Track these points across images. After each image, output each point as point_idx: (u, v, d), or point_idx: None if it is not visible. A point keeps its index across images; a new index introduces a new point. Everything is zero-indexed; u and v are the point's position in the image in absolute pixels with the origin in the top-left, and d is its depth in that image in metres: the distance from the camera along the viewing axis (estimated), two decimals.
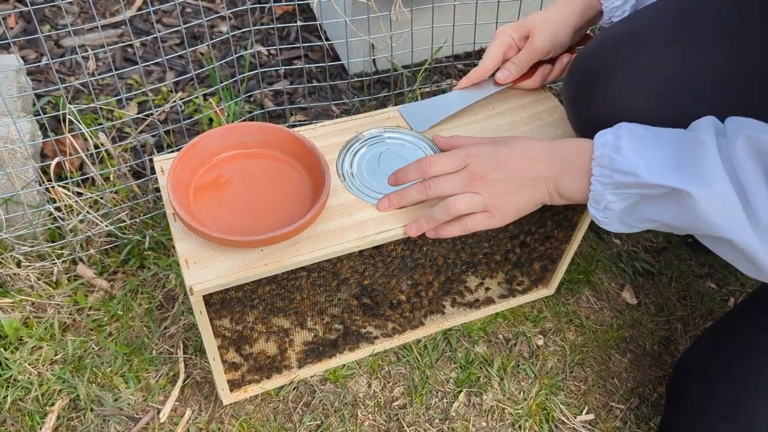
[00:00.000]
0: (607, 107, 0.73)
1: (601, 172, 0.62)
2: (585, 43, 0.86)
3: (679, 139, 0.61)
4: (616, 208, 0.63)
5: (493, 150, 0.68)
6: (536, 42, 0.80)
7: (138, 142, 1.10)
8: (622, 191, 0.62)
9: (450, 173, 0.68)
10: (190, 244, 0.67)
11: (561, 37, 0.80)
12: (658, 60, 0.69)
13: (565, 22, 0.80)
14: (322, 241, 0.68)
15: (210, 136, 0.71)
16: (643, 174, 0.59)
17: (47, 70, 1.24)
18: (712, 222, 0.57)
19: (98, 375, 0.87)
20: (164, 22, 1.36)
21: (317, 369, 0.88)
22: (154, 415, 0.85)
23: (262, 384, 0.85)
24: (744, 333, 0.73)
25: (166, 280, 0.98)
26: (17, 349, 0.88)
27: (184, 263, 0.65)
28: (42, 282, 0.94)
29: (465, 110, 0.84)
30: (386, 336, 0.90)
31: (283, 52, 1.32)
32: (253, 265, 0.65)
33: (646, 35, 0.72)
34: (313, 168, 0.72)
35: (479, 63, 0.82)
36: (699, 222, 0.58)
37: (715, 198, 0.56)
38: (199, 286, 0.63)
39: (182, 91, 1.24)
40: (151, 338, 0.92)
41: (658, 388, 0.93)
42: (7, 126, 0.87)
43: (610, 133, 0.63)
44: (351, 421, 0.86)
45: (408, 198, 0.70)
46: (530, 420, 0.88)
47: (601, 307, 1.02)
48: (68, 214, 0.93)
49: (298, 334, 0.81)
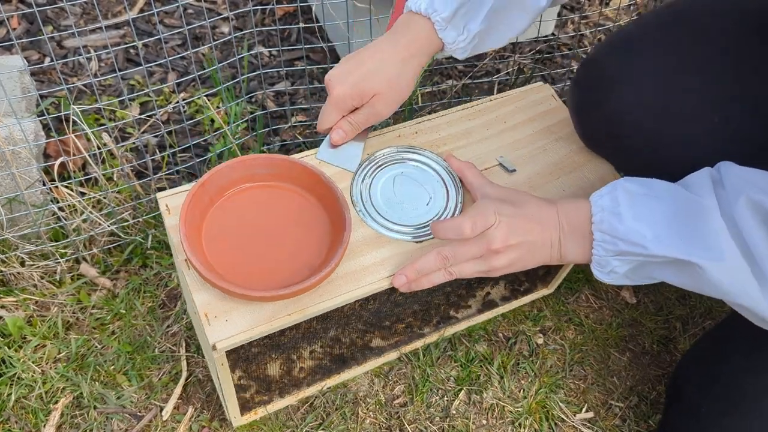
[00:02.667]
0: (614, 119, 0.72)
1: (603, 238, 0.62)
2: None
3: (678, 198, 0.60)
4: (621, 271, 0.63)
5: (511, 212, 0.66)
6: (378, 107, 0.73)
7: (141, 142, 1.10)
8: (627, 257, 0.61)
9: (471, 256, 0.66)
10: (207, 296, 0.64)
11: (404, 97, 0.74)
12: (662, 75, 0.68)
13: (410, 81, 0.73)
14: (344, 285, 0.67)
15: (219, 171, 0.68)
16: (648, 245, 0.58)
17: (50, 70, 1.25)
18: (725, 290, 0.57)
19: (101, 373, 0.88)
20: (166, 23, 1.36)
21: (324, 384, 0.87)
22: (156, 412, 0.85)
23: (272, 405, 0.84)
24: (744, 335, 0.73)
25: (169, 279, 0.98)
26: (21, 347, 0.89)
27: (204, 318, 0.63)
28: (45, 281, 0.95)
29: (479, 125, 0.84)
30: (393, 347, 0.89)
31: (284, 53, 1.33)
32: (276, 316, 0.64)
33: (647, 44, 0.71)
34: (330, 202, 0.69)
35: (318, 122, 0.75)
36: (710, 289, 0.58)
37: (726, 269, 0.56)
38: (223, 343, 0.62)
39: (184, 91, 1.25)
40: (153, 337, 0.92)
41: (657, 386, 0.94)
42: (11, 126, 0.88)
43: (607, 196, 0.63)
44: (352, 419, 0.86)
45: (429, 282, 0.67)
46: (530, 418, 0.88)
47: (600, 306, 1.02)
48: (71, 214, 0.94)
49: (306, 360, 0.79)
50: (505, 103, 0.88)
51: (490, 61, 1.35)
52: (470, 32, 0.72)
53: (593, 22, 1.47)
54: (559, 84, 1.33)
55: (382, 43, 0.73)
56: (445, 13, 0.70)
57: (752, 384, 0.68)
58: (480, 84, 1.31)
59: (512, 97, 0.88)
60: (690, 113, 0.69)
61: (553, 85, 1.34)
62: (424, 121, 0.84)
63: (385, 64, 0.71)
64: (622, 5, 1.50)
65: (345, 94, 0.71)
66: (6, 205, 0.90)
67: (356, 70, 0.71)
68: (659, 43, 0.72)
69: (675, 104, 0.69)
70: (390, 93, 0.72)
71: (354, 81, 0.71)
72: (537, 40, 1.40)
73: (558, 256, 0.67)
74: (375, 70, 0.71)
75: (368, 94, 0.72)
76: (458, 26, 0.72)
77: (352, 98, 0.72)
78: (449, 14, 0.70)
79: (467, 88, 1.30)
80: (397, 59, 0.71)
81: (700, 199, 0.59)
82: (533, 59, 1.37)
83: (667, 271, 0.60)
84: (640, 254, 0.60)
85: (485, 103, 0.88)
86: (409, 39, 0.72)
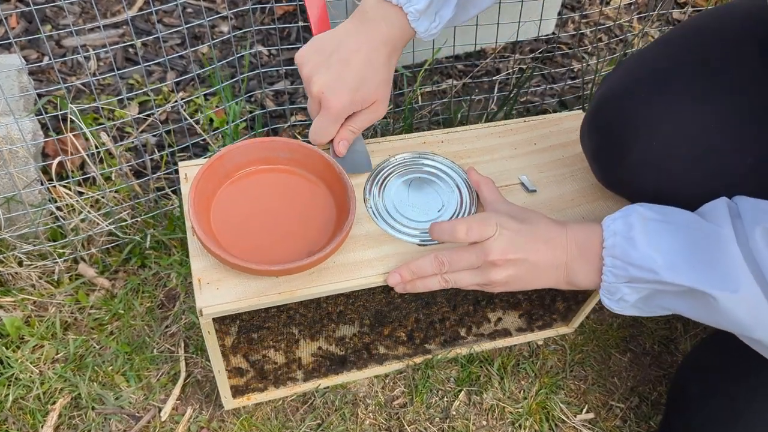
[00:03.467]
0: (640, 171, 0.68)
1: (614, 264, 0.60)
2: None
3: (694, 227, 0.58)
4: (631, 300, 0.60)
5: (516, 227, 0.64)
6: (379, 111, 0.72)
7: (139, 141, 1.10)
8: (638, 285, 0.59)
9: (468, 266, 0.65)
10: (205, 263, 0.66)
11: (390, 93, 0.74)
12: (685, 117, 0.64)
13: (390, 73, 0.71)
14: (339, 274, 0.67)
15: (238, 148, 0.69)
16: (661, 271, 0.56)
17: (49, 69, 1.24)
18: (739, 322, 0.55)
19: (99, 374, 0.88)
20: (165, 22, 1.36)
21: (322, 383, 0.87)
22: (155, 413, 0.85)
23: (266, 393, 0.85)
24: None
25: (167, 279, 0.98)
26: (19, 347, 0.89)
27: (197, 282, 0.65)
28: (43, 281, 0.95)
29: (507, 143, 0.83)
30: (396, 358, 0.88)
31: (283, 52, 1.32)
32: (266, 293, 0.64)
33: (667, 82, 0.67)
34: (339, 193, 0.70)
35: (311, 134, 0.72)
36: (724, 321, 0.56)
37: (741, 300, 0.53)
38: (209, 309, 0.63)
39: (183, 91, 1.24)
40: (152, 337, 0.92)
41: (658, 387, 0.94)
42: (9, 126, 0.88)
43: (621, 220, 0.60)
44: (351, 419, 0.86)
45: (424, 286, 0.66)
46: (530, 419, 0.88)
47: (601, 306, 1.02)
48: (69, 214, 0.94)
49: (305, 347, 0.79)
50: (539, 126, 0.86)
51: (491, 60, 1.34)
52: (442, 19, 0.70)
53: (594, 22, 1.46)
54: (559, 83, 1.33)
55: (358, 36, 0.69)
56: (420, 5, 0.67)
57: (755, 388, 0.68)
58: (480, 83, 1.30)
59: (547, 121, 0.87)
60: (725, 157, 0.65)
61: (553, 84, 1.33)
62: (452, 132, 0.84)
63: (374, 67, 0.69)
64: (623, 4, 1.50)
65: (344, 106, 0.69)
66: (4, 205, 0.90)
67: (345, 74, 0.68)
68: (679, 79, 0.67)
69: (706, 148, 0.64)
70: (386, 95, 0.72)
71: (350, 91, 0.68)
72: (537, 39, 1.40)
73: (564, 280, 0.64)
74: (367, 75, 0.69)
75: (369, 101, 0.70)
76: (431, 15, 0.69)
77: (353, 108, 0.70)
78: (424, 6, 0.67)
79: (467, 87, 1.30)
80: (382, 59, 0.69)
81: (717, 228, 0.56)
82: (534, 58, 1.37)
83: (679, 302, 0.58)
84: (652, 281, 0.57)
85: (518, 123, 0.87)
86: (385, 34, 0.69)
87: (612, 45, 1.40)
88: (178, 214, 1.01)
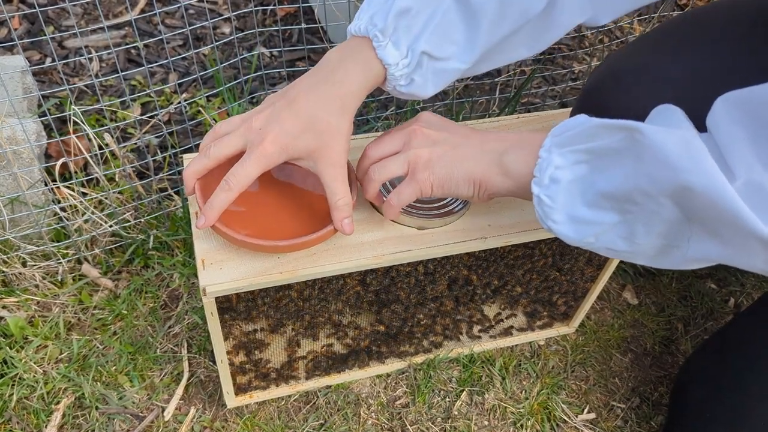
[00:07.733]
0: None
1: (552, 134, 0.56)
2: None
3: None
4: (563, 179, 0.54)
5: (444, 124, 0.65)
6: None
7: (142, 142, 1.10)
8: (570, 148, 0.54)
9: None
10: (208, 245, 0.67)
11: None
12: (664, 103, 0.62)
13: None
14: (341, 254, 0.68)
15: None
16: (594, 120, 0.54)
17: (52, 71, 1.25)
18: (672, 163, 0.47)
19: (103, 374, 0.88)
20: (168, 24, 1.36)
21: (324, 382, 0.88)
22: (158, 413, 0.85)
23: (268, 392, 0.85)
24: (750, 339, 0.73)
25: (170, 279, 0.98)
26: (23, 347, 0.89)
27: (201, 263, 0.65)
28: (47, 281, 0.95)
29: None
30: (397, 357, 0.89)
31: (286, 53, 1.33)
32: (268, 272, 0.65)
33: (651, 72, 0.69)
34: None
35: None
36: (657, 170, 0.49)
37: (672, 135, 0.48)
38: (213, 288, 0.64)
39: (186, 92, 1.25)
40: (155, 337, 0.92)
41: (659, 387, 0.94)
42: (13, 127, 0.88)
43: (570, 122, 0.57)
44: (354, 419, 0.86)
45: (368, 191, 0.66)
46: (532, 419, 0.88)
47: (602, 306, 1.02)
48: (73, 214, 0.94)
49: (308, 344, 0.80)
50: (531, 122, 0.88)
51: None
52: (414, 52, 0.62)
53: None
54: (560, 85, 1.34)
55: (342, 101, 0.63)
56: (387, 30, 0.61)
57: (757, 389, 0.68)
58: (481, 85, 1.31)
59: (539, 118, 0.88)
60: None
61: (554, 85, 1.34)
62: None
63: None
64: None
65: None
66: (8, 206, 0.90)
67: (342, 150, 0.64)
68: (658, 67, 0.70)
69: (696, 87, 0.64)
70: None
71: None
72: None
73: (498, 169, 0.60)
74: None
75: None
76: (399, 43, 0.61)
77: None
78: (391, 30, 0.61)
79: (469, 89, 1.30)
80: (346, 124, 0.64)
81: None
82: (534, 60, 1.37)
83: (613, 171, 0.52)
84: (584, 134, 0.54)
85: (512, 119, 0.88)
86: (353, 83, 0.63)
87: (613, 47, 1.40)
88: (180, 215, 1.02)
